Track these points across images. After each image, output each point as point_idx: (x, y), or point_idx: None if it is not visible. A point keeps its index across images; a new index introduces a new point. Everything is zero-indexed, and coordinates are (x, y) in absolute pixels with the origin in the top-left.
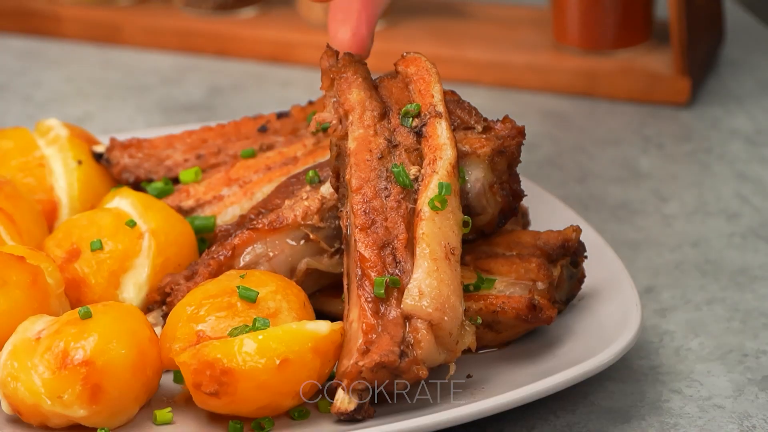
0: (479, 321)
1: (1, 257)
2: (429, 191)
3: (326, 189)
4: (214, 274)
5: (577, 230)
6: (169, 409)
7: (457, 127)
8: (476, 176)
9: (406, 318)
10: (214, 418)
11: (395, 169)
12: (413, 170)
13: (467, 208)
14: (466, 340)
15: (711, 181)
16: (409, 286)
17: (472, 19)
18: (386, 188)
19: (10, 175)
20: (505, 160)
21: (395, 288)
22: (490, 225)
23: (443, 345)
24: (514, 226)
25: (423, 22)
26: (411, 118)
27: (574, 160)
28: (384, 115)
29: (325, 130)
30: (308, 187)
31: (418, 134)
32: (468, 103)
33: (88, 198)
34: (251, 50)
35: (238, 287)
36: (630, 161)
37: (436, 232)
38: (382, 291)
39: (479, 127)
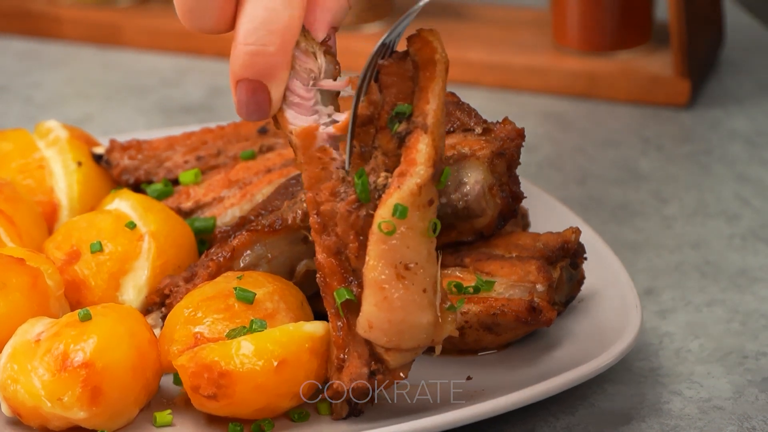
0: (461, 304)
1: (1, 259)
2: (383, 210)
3: None
4: (214, 275)
5: (577, 232)
6: (168, 411)
7: (457, 129)
8: (476, 178)
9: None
10: (213, 420)
11: (357, 179)
12: (382, 176)
13: (466, 210)
14: (446, 331)
15: (711, 183)
16: (359, 317)
17: (472, 21)
18: (344, 192)
19: (10, 176)
20: (505, 162)
21: (354, 303)
22: (489, 227)
23: (414, 351)
24: (513, 228)
25: (423, 24)
26: (397, 123)
27: (574, 161)
28: (369, 119)
29: None
30: None
31: (401, 140)
32: (467, 104)
33: (88, 200)
34: None
35: (236, 289)
36: (630, 163)
37: (387, 253)
38: (342, 307)
39: (479, 129)
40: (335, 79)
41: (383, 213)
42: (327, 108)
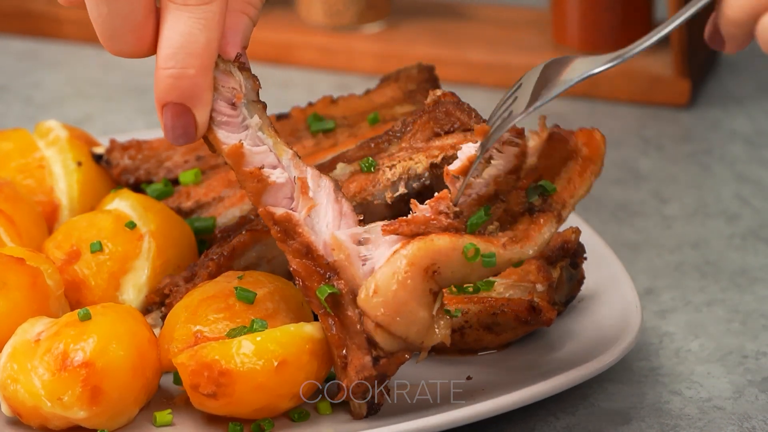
0: (457, 314)
1: (1, 259)
2: (482, 243)
3: None
4: (214, 275)
5: (577, 231)
6: (168, 410)
7: (457, 129)
8: None
9: (362, 316)
10: (213, 419)
11: (481, 214)
12: (495, 225)
13: None
14: (436, 337)
15: (711, 183)
16: (367, 280)
17: (472, 21)
18: (444, 210)
19: (10, 176)
20: None
21: (339, 295)
22: None
23: (401, 341)
24: None
25: (423, 24)
26: (537, 196)
27: None
28: (514, 169)
29: (326, 130)
30: None
31: (530, 211)
32: (467, 104)
33: (88, 199)
34: (251, 51)
35: (236, 288)
36: (630, 162)
37: (437, 254)
38: (327, 302)
39: None
40: (257, 93)
41: (479, 244)
42: (255, 120)
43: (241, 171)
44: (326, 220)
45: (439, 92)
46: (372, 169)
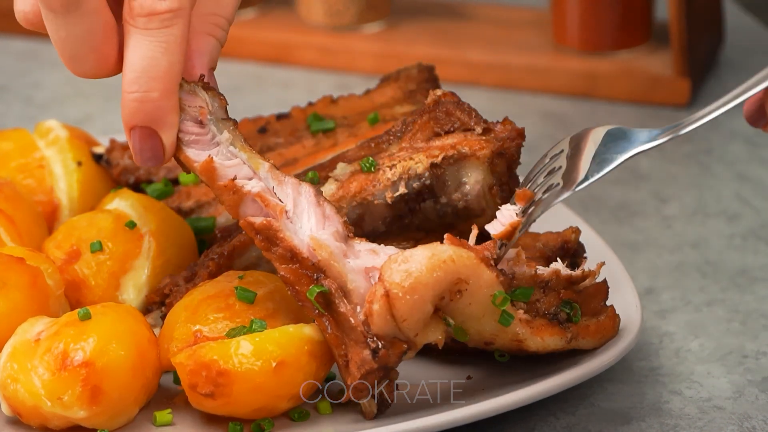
0: (451, 323)
1: (1, 258)
2: (512, 308)
3: (325, 190)
4: (214, 275)
5: (577, 231)
6: (168, 410)
7: (457, 129)
8: (476, 178)
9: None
10: (213, 419)
11: (532, 292)
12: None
13: (466, 210)
14: (430, 336)
15: (711, 183)
16: (401, 252)
17: (472, 21)
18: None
19: (10, 176)
20: (505, 162)
21: (329, 294)
22: None
23: (396, 327)
24: None
25: (423, 24)
26: (566, 309)
27: None
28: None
29: (326, 130)
30: None
31: (551, 317)
32: (468, 104)
33: (88, 199)
34: (251, 51)
35: (236, 288)
36: (630, 162)
37: (469, 270)
38: (318, 302)
39: (479, 129)
40: (225, 110)
41: (509, 304)
42: (225, 135)
43: (215, 186)
44: (309, 224)
45: (439, 92)
46: (372, 168)
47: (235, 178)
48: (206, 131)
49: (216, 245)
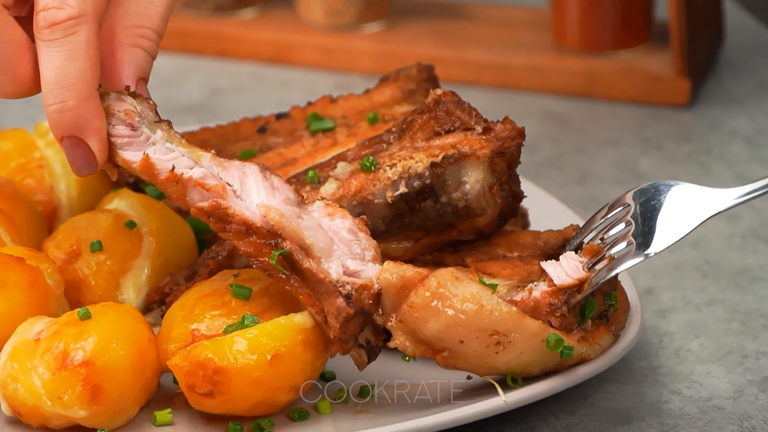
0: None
1: (1, 258)
2: (567, 338)
3: (325, 189)
4: (214, 274)
5: (577, 229)
6: (168, 410)
7: (457, 128)
8: (476, 177)
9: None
10: (213, 418)
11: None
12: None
13: (466, 209)
14: (397, 339)
15: (711, 182)
16: (458, 276)
17: (472, 21)
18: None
19: (10, 176)
20: (505, 161)
21: (290, 254)
22: (489, 226)
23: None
24: (513, 227)
25: (423, 24)
26: (609, 305)
27: (574, 161)
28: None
29: (326, 130)
30: (308, 188)
31: (602, 316)
32: (468, 104)
33: (88, 199)
34: (251, 51)
35: (232, 285)
36: (630, 162)
37: (512, 321)
38: (281, 265)
39: (479, 128)
40: (156, 113)
41: (563, 336)
42: (159, 134)
43: (158, 181)
44: (260, 197)
45: (439, 91)
46: (372, 168)
47: (173, 169)
48: (139, 133)
49: (216, 245)
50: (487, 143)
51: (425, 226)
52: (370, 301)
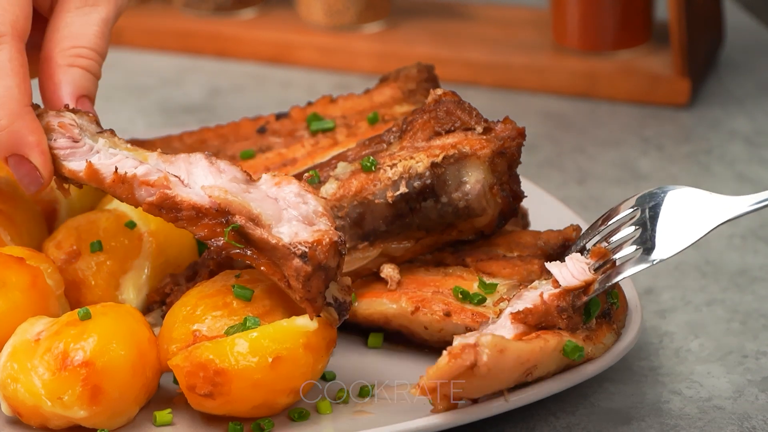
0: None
1: (1, 258)
2: (576, 340)
3: (326, 189)
4: (215, 274)
5: (578, 229)
6: (168, 410)
7: (458, 128)
8: (476, 177)
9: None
10: (213, 419)
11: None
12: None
13: (467, 209)
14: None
15: (711, 182)
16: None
17: (471, 21)
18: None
19: (10, 176)
20: (506, 161)
21: (240, 227)
22: (489, 226)
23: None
24: (513, 227)
25: (422, 24)
26: (611, 303)
27: (574, 161)
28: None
29: (326, 130)
30: None
31: (605, 315)
32: (468, 103)
33: (88, 199)
34: (251, 51)
35: (234, 286)
36: (630, 162)
37: (538, 357)
38: (235, 240)
39: (479, 128)
40: (98, 124)
41: (574, 339)
42: (102, 142)
43: (105, 186)
44: (206, 182)
45: (440, 91)
46: (373, 167)
47: (116, 170)
48: (82, 144)
49: None
50: (487, 143)
51: (426, 226)
52: (325, 255)
